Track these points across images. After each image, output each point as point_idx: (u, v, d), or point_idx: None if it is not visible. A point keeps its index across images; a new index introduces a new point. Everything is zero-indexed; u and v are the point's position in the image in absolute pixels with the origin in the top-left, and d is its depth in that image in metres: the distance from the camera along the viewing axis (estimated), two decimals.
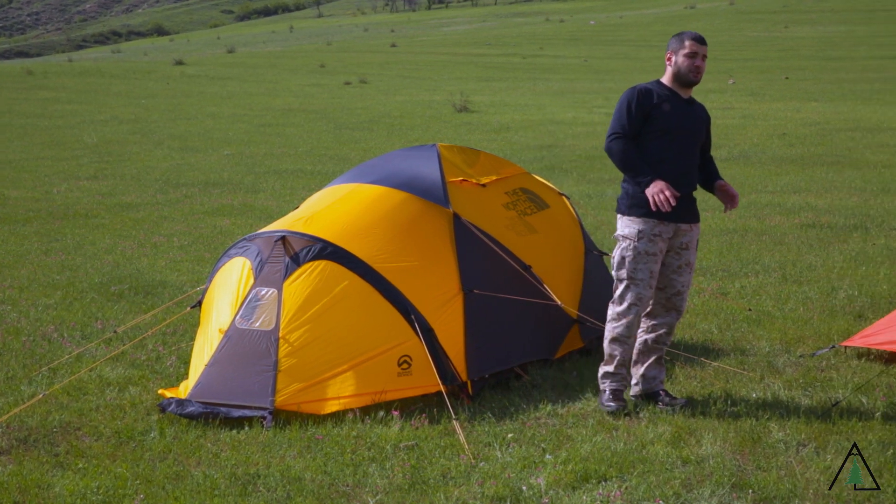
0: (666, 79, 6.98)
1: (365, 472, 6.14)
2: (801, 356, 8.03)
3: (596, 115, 27.20)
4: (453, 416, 6.74)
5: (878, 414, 6.75)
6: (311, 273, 7.19)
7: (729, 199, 7.00)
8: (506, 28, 75.09)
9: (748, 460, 6.16)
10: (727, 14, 72.24)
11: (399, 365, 7.10)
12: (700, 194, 7.40)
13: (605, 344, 7.06)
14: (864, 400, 7.02)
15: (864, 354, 7.94)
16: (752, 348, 8.31)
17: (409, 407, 7.08)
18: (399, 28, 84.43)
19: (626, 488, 5.83)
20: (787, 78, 35.42)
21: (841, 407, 6.89)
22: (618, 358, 7.00)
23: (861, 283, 10.17)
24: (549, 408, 7.10)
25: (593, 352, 8.24)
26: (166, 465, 6.29)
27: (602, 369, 7.09)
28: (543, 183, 8.97)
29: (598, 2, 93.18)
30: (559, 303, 7.83)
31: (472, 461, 6.22)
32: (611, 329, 7.00)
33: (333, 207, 7.75)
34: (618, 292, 6.95)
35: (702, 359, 7.92)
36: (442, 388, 6.96)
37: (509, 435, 6.63)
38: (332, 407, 6.95)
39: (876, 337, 7.87)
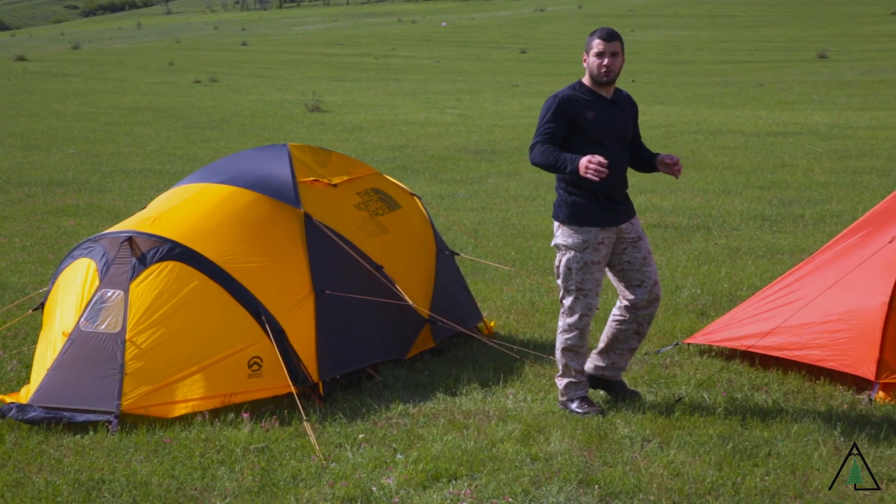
0: (586, 80, 6.87)
1: (214, 475, 6.06)
2: (646, 354, 8.21)
3: (448, 115, 27.36)
4: (304, 418, 6.71)
5: (719, 409, 6.94)
6: (158, 274, 7.07)
7: (671, 169, 6.85)
8: (358, 28, 75.03)
9: (595, 456, 6.28)
10: (576, 17, 73.44)
11: (249, 366, 7.03)
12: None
13: (558, 355, 7.00)
14: (705, 395, 7.21)
15: (706, 351, 8.16)
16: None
17: (259, 409, 7.02)
18: (250, 26, 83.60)
19: (476, 486, 5.88)
20: (633, 81, 36.16)
21: (684, 403, 7.06)
22: (574, 367, 6.97)
23: (703, 282, 10.44)
24: (400, 408, 7.12)
25: (445, 351, 8.30)
26: (6, 472, 6.11)
27: (561, 381, 7.03)
28: (395, 183, 8.99)
29: (449, 3, 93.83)
30: (411, 303, 7.86)
31: (323, 462, 6.20)
32: (563, 340, 6.95)
33: (182, 207, 7.63)
34: (567, 303, 6.88)
35: (551, 357, 8.03)
36: (293, 389, 6.91)
37: (360, 435, 6.63)
38: (180, 410, 6.85)
39: (717, 334, 8.10)
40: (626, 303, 7.00)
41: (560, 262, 6.92)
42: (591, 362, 7.18)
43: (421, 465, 6.12)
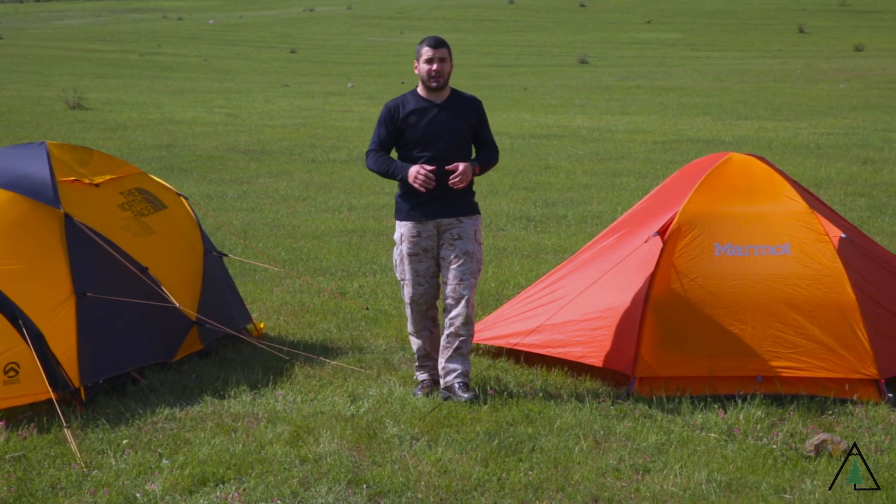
0: (419, 88, 7.30)
1: None
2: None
3: (217, 114, 26.96)
4: (65, 424, 6.49)
5: (485, 407, 7.08)
6: None
7: (452, 177, 7.09)
8: (122, 24, 73.07)
9: (364, 456, 6.31)
10: (345, 18, 73.53)
11: (5, 373, 6.77)
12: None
13: (409, 338, 7.57)
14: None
15: (474, 349, 8.29)
16: (370, 346, 8.51)
17: (16, 416, 6.76)
18: (5, 19, 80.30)
19: (245, 490, 5.82)
20: (403, 83, 36.49)
21: (451, 401, 7.16)
22: (417, 350, 7.48)
23: None
24: (166, 412, 6.98)
25: (213, 353, 8.18)
26: None
27: (415, 364, 7.58)
28: (161, 183, 8.80)
29: (217, 1, 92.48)
30: (177, 305, 7.71)
31: (85, 470, 6.02)
32: (407, 326, 7.51)
33: None
34: (401, 291, 7.46)
35: (321, 357, 8.03)
36: (52, 395, 6.68)
37: (124, 441, 6.46)
38: None
39: (483, 332, 8.25)
40: (444, 307, 7.39)
41: (393, 253, 7.46)
42: (439, 369, 7.42)
43: (187, 469, 6.02)
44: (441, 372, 7.37)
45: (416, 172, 7.03)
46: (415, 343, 7.49)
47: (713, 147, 20.46)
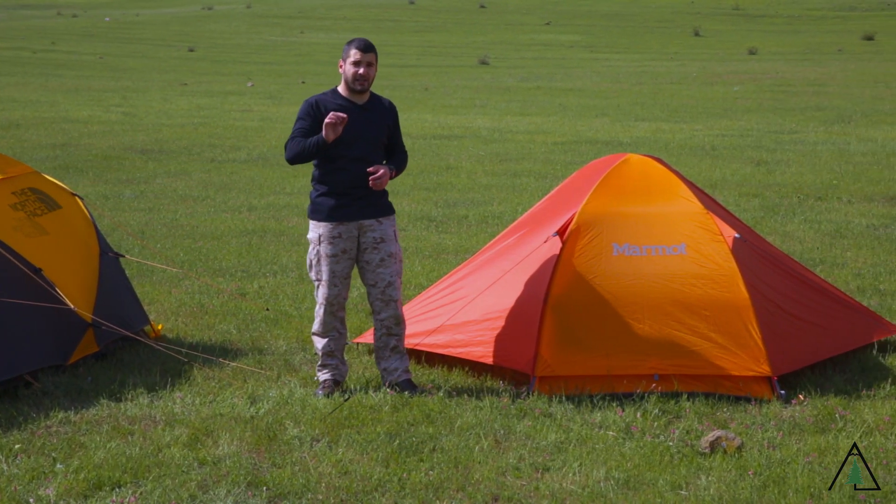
0: (341, 87, 7.34)
1: None
2: (316, 353, 8.24)
3: (113, 113, 26.55)
4: None
5: (386, 407, 7.08)
6: None
7: (371, 179, 7.18)
8: (13, 21, 71.61)
9: (264, 458, 6.26)
10: (245, 17, 72.90)
11: None
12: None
13: (312, 338, 7.56)
14: (373, 394, 7.33)
15: (372, 351, 8.27)
16: (270, 347, 8.45)
17: None
18: None
19: (142, 493, 5.75)
20: (303, 82, 36.29)
21: (353, 401, 7.15)
22: (321, 350, 7.45)
23: None
24: (61, 415, 6.86)
25: (109, 356, 8.05)
26: None
27: (317, 364, 7.55)
28: (55, 183, 8.63)
29: None
30: (72, 306, 7.58)
31: None
32: (313, 326, 7.49)
33: None
34: (315, 292, 7.44)
35: (220, 359, 7.95)
36: None
37: (17, 446, 6.34)
38: None
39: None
40: (371, 310, 7.48)
41: (308, 254, 7.42)
42: (379, 370, 7.55)
43: (82, 473, 5.92)
44: (382, 373, 7.49)
45: (328, 119, 6.96)
46: (319, 343, 7.46)
47: (611, 148, 20.71)
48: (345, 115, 7.03)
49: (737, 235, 7.79)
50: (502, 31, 63.96)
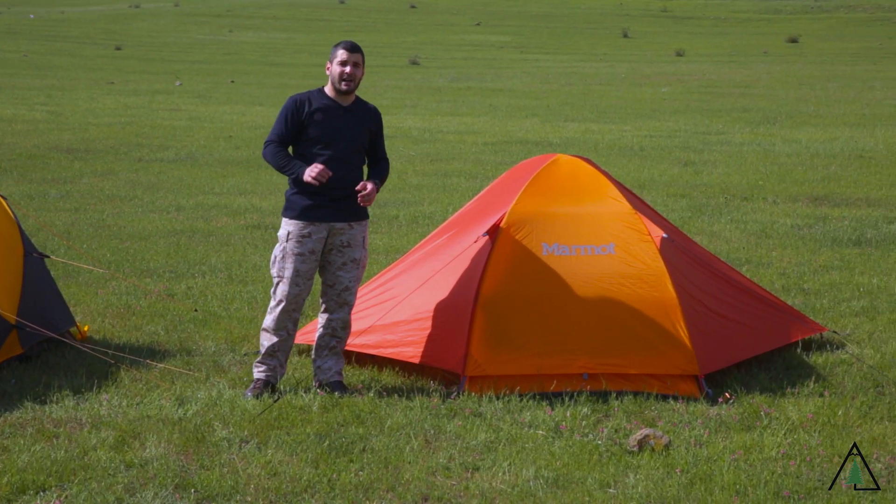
0: (327, 87, 7.38)
1: None
2: (245, 355, 8.21)
3: (38, 112, 26.17)
4: None
5: (316, 407, 7.05)
6: None
7: (359, 195, 7.28)
8: None
9: (192, 460, 6.21)
10: (172, 15, 72.24)
11: None
12: None
13: (260, 333, 7.50)
14: (303, 395, 7.30)
15: (305, 350, 8.25)
16: (199, 348, 8.38)
17: None
18: None
19: (67, 497, 5.67)
20: (233, 82, 36.05)
21: (282, 402, 7.12)
22: (266, 347, 7.37)
23: None
24: None
25: (34, 358, 7.94)
26: None
27: (257, 359, 7.48)
28: None
29: None
30: None
31: None
32: (264, 321, 7.43)
33: None
34: (273, 288, 7.40)
35: (148, 361, 7.87)
36: None
37: None
38: None
39: (314, 334, 8.15)
40: (322, 307, 7.45)
41: (274, 250, 7.42)
42: (314, 367, 7.53)
43: (5, 477, 5.83)
44: (315, 370, 7.49)
45: (310, 171, 7.08)
46: (267, 339, 7.39)
47: (541, 148, 20.81)
48: (331, 173, 7.11)
49: (664, 236, 7.87)
50: (433, 31, 64.02)
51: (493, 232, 7.69)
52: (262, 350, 7.42)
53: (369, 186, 7.28)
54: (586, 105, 29.64)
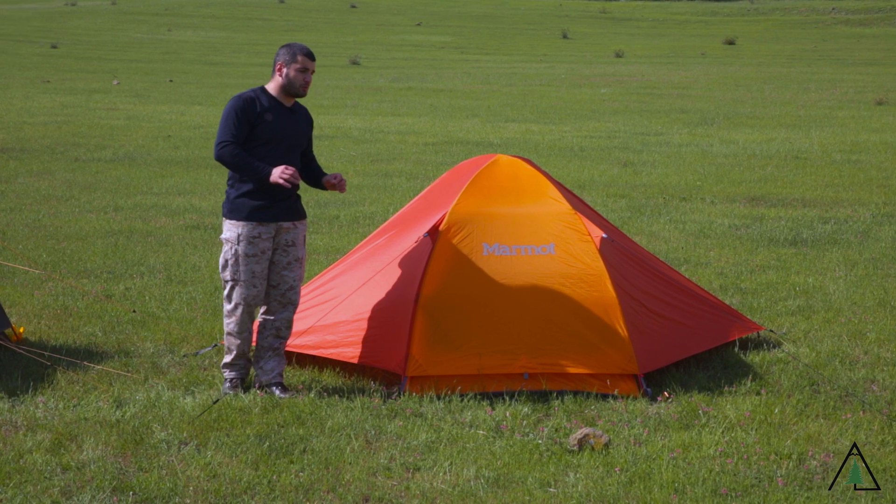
0: (272, 88, 7.36)
1: None
2: (185, 356, 8.15)
3: None
4: None
5: (256, 409, 7.02)
6: None
7: (336, 186, 7.49)
8: None
9: (130, 462, 6.16)
10: (109, 13, 71.53)
11: None
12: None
13: (225, 337, 7.46)
14: (243, 396, 7.26)
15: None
16: (137, 350, 8.31)
17: None
18: None
19: (2, 501, 5.60)
20: (171, 81, 35.76)
21: (221, 404, 7.07)
22: (234, 351, 7.39)
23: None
24: None
25: None
26: None
27: (224, 361, 7.46)
28: None
29: None
30: None
31: None
32: (225, 325, 7.42)
33: None
34: (226, 292, 7.36)
35: (85, 362, 7.79)
36: None
37: None
38: None
39: (255, 335, 8.15)
40: (263, 307, 7.44)
41: (222, 253, 7.36)
42: (255, 368, 7.50)
43: None
44: (257, 372, 7.47)
45: (282, 171, 7.11)
46: (233, 343, 7.39)
47: (482, 149, 20.85)
48: (297, 182, 7.21)
49: (604, 235, 7.92)
50: (373, 31, 63.93)
51: (434, 232, 7.70)
52: (232, 354, 7.42)
53: (339, 174, 7.50)
54: (527, 106, 29.74)
